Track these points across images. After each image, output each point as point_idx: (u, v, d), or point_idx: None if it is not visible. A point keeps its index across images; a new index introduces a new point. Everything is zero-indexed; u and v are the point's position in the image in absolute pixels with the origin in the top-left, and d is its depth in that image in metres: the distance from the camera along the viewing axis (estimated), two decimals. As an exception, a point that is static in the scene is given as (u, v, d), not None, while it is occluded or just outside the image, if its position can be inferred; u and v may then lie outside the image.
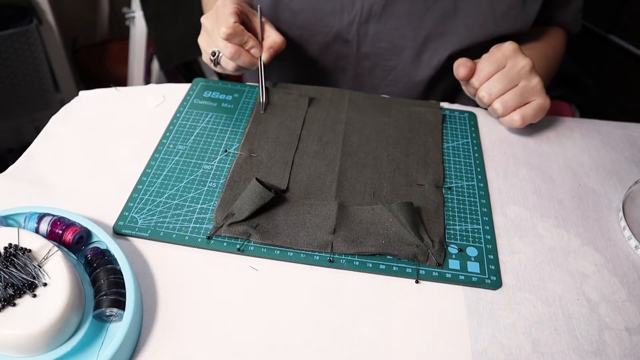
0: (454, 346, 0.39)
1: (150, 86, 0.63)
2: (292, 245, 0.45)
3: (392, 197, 0.50)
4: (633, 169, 0.56)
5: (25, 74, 1.31)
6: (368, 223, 0.46)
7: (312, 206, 0.48)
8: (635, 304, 0.43)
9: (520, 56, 0.54)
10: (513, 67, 0.54)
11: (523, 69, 0.54)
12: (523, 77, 0.54)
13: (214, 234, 0.45)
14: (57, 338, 0.34)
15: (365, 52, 0.69)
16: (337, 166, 0.52)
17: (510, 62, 0.54)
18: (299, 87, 0.62)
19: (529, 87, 0.54)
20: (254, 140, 0.55)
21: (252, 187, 0.46)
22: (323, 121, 0.58)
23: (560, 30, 0.73)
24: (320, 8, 0.66)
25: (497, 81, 0.54)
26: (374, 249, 0.44)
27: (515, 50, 0.55)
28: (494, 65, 0.54)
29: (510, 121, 0.55)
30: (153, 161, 0.52)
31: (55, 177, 0.51)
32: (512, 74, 0.54)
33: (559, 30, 0.73)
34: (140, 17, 1.25)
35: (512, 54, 0.54)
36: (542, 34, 0.71)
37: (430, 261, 0.44)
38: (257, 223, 0.46)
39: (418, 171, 0.52)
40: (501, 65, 0.54)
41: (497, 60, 0.54)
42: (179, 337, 0.39)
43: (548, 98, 0.55)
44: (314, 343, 0.39)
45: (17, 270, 0.35)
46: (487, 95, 0.55)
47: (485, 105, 0.57)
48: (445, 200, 0.50)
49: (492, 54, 0.56)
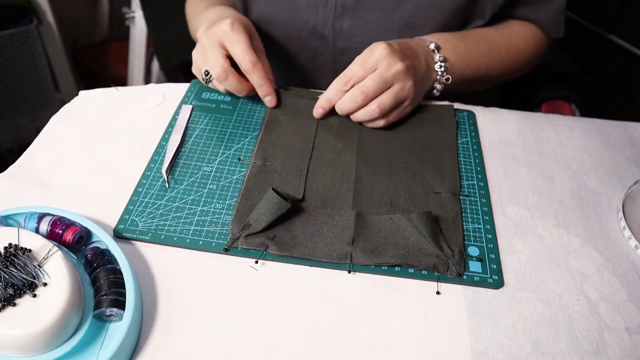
0: (454, 346, 0.39)
1: (150, 86, 0.63)
2: (310, 256, 0.44)
3: (409, 205, 0.49)
4: (633, 168, 0.56)
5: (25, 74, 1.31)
6: (387, 233, 0.46)
7: (330, 216, 0.47)
8: (635, 304, 0.43)
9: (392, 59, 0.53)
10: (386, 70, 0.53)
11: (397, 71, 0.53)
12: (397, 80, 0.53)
13: (231, 245, 0.45)
14: (57, 338, 0.34)
15: (341, 47, 0.69)
16: (352, 174, 0.52)
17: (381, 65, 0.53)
18: (310, 91, 0.62)
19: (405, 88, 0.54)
20: (268, 148, 0.54)
21: (268, 197, 0.45)
22: (336, 128, 0.57)
23: (534, 30, 0.69)
24: (295, 4, 0.67)
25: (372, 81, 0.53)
26: (393, 259, 0.44)
27: (387, 54, 0.53)
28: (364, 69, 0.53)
29: (370, 112, 0.54)
30: (152, 163, 0.52)
31: (55, 177, 0.51)
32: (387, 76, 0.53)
33: (535, 30, 0.69)
34: (140, 17, 1.25)
35: (383, 58, 0.53)
36: (505, 26, 0.68)
37: (450, 271, 0.44)
38: (274, 234, 0.45)
39: (434, 179, 0.52)
40: (372, 69, 0.53)
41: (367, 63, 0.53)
42: (179, 337, 0.39)
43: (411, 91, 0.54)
44: (314, 343, 0.39)
45: (17, 270, 0.35)
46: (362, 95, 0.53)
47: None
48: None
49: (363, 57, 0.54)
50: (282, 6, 0.67)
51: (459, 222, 0.48)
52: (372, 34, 0.66)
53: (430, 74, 0.59)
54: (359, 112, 0.55)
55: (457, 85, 0.61)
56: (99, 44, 1.59)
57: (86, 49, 1.56)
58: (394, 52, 0.53)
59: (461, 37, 0.63)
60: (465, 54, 0.62)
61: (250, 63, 0.55)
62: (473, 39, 0.64)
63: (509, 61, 0.67)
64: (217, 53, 0.55)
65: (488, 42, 0.65)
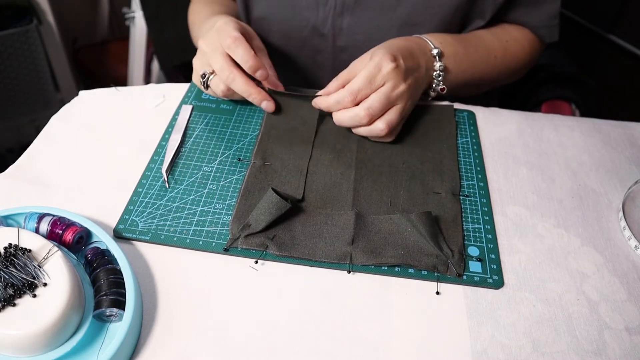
0: (454, 346, 0.39)
1: (150, 86, 0.63)
2: (310, 256, 0.44)
3: (409, 205, 0.49)
4: (633, 168, 0.56)
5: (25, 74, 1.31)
6: (386, 233, 0.46)
7: (329, 216, 0.47)
8: (635, 304, 0.43)
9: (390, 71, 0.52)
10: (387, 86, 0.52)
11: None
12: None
13: (231, 245, 0.45)
14: (57, 338, 0.35)
15: (341, 45, 0.69)
16: (352, 174, 0.52)
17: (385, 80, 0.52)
18: (310, 91, 0.61)
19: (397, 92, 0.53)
20: (267, 148, 0.54)
21: (268, 197, 0.45)
22: (336, 128, 0.57)
23: (528, 34, 0.69)
24: (295, 2, 0.67)
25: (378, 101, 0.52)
26: (393, 260, 0.44)
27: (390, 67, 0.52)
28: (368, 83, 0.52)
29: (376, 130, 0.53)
30: (152, 163, 0.52)
31: (55, 177, 0.51)
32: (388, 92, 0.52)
33: (529, 34, 0.69)
34: (140, 17, 1.25)
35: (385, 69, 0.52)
36: (502, 31, 0.68)
37: (450, 272, 0.44)
38: (274, 234, 0.45)
39: (434, 179, 0.52)
40: (379, 84, 0.52)
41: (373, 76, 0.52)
42: (179, 337, 0.39)
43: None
44: (314, 343, 0.39)
45: (17, 270, 0.35)
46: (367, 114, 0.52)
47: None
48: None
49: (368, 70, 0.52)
50: (283, 5, 0.67)
51: (458, 222, 0.48)
52: (372, 32, 0.66)
53: (428, 79, 0.59)
54: (363, 129, 0.54)
55: (449, 92, 0.62)
56: (99, 44, 1.59)
57: (86, 49, 1.56)
58: (401, 71, 0.52)
59: (462, 41, 0.63)
60: (464, 61, 0.62)
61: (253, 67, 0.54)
62: (473, 44, 0.64)
63: (504, 67, 0.67)
64: (220, 55, 0.54)
65: (486, 47, 0.65)
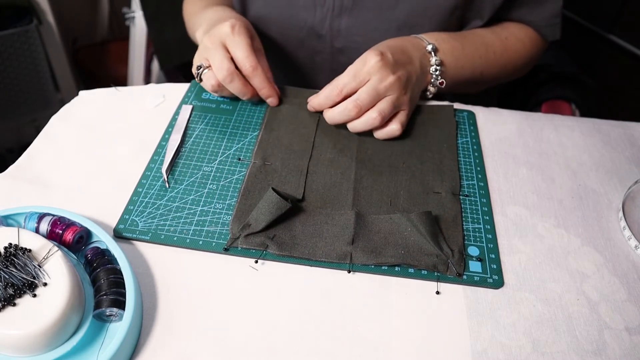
0: (454, 346, 0.39)
1: (150, 86, 0.63)
2: (310, 256, 0.44)
3: (409, 205, 0.49)
4: (633, 168, 0.56)
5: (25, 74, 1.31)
6: (386, 233, 0.46)
7: (329, 216, 0.47)
8: (635, 304, 0.43)
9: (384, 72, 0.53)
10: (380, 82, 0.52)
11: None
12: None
13: (231, 245, 0.45)
14: (57, 338, 0.35)
15: (339, 46, 0.69)
16: (352, 174, 0.52)
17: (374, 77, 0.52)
18: (310, 91, 0.62)
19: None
20: (267, 147, 0.54)
21: (268, 197, 0.45)
22: (336, 128, 0.57)
23: (530, 32, 0.69)
24: (293, 3, 0.66)
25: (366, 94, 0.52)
26: (393, 259, 0.44)
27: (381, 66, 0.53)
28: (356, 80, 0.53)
29: (390, 132, 0.55)
30: (152, 163, 0.52)
31: (55, 177, 0.51)
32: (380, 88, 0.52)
33: (531, 32, 0.69)
34: (140, 17, 1.25)
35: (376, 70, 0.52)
36: (501, 27, 0.68)
37: (450, 271, 0.44)
38: (274, 234, 0.45)
39: (434, 179, 0.52)
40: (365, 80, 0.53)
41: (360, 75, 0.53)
42: (179, 337, 0.39)
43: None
44: (314, 343, 0.39)
45: (17, 270, 0.35)
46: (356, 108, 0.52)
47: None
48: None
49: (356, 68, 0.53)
50: (280, 5, 0.67)
51: (458, 222, 0.48)
52: (370, 34, 0.66)
53: (424, 76, 0.58)
54: (357, 122, 0.54)
55: (450, 87, 0.61)
56: (99, 44, 1.59)
57: (86, 49, 1.56)
58: (387, 64, 0.53)
59: (458, 38, 0.63)
60: (462, 56, 0.62)
61: (250, 67, 0.55)
62: (470, 40, 0.64)
63: (504, 63, 0.67)
64: (222, 55, 0.55)
65: (484, 43, 0.65)
